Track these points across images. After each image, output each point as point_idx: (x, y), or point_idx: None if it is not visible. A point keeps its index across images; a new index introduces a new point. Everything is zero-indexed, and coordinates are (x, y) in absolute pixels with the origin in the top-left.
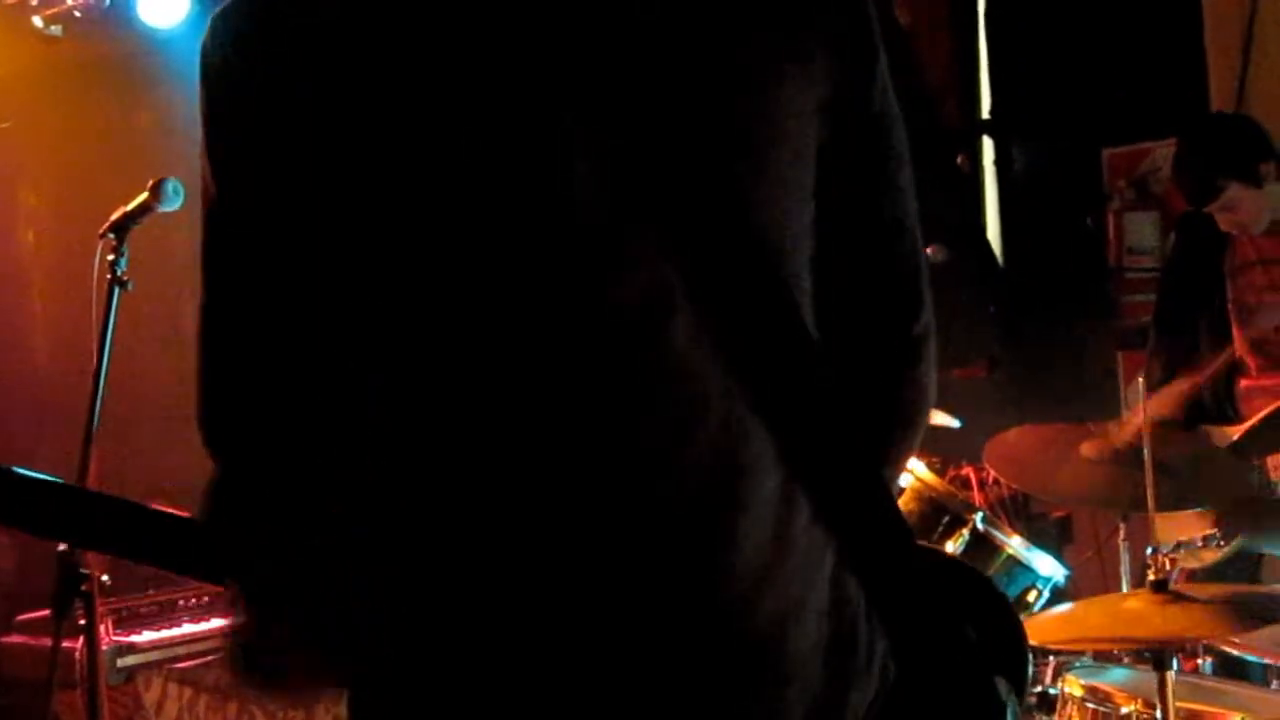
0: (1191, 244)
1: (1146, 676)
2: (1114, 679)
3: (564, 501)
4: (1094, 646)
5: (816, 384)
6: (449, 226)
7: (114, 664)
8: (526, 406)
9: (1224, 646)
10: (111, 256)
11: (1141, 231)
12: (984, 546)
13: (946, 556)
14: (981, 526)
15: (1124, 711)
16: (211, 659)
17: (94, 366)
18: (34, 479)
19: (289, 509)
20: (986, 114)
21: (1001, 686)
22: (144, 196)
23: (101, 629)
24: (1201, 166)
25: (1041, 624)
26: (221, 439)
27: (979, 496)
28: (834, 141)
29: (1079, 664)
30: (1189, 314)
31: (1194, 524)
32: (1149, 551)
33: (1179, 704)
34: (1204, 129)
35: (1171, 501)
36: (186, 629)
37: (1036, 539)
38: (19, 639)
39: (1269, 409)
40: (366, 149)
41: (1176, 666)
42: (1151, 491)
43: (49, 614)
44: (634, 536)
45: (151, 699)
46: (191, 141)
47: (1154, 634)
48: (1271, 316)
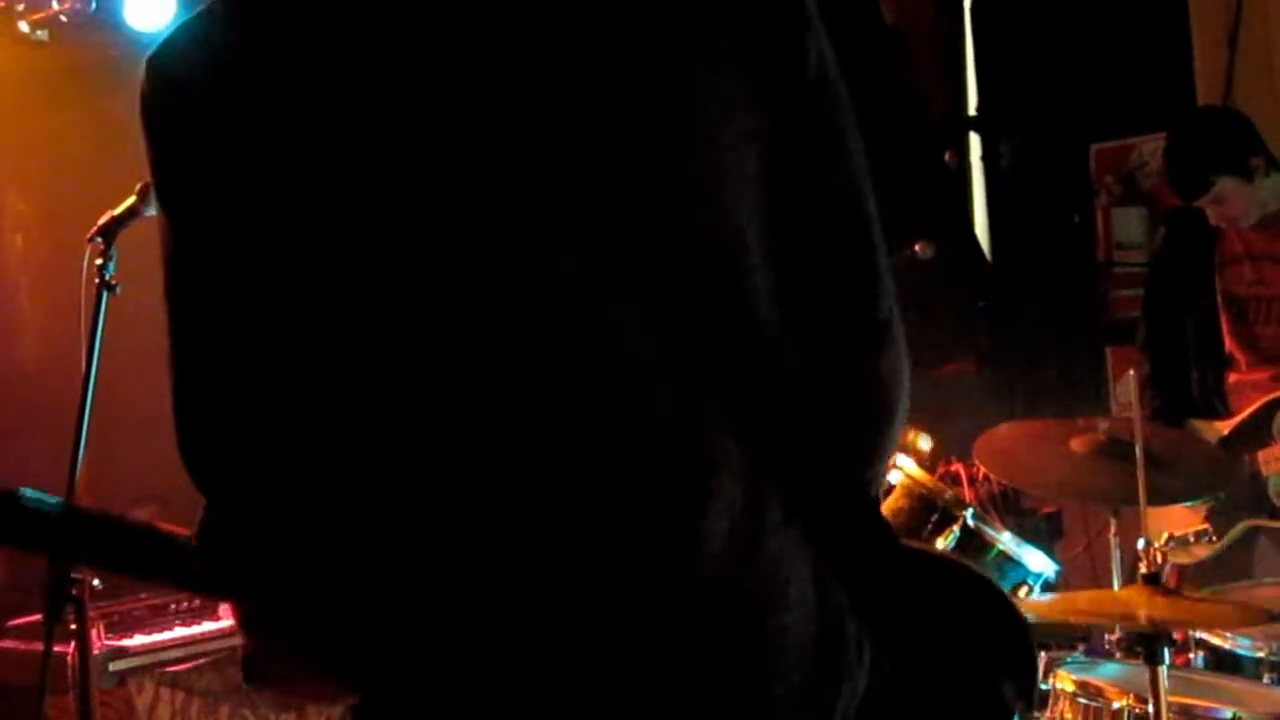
0: (1180, 238)
1: (1138, 671)
2: (1105, 674)
3: (538, 499)
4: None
5: (778, 381)
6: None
7: (106, 668)
8: (501, 404)
9: (1216, 640)
10: (100, 260)
11: (1129, 226)
12: (974, 542)
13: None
14: (972, 523)
15: (1116, 706)
16: (203, 663)
17: (83, 371)
18: (27, 503)
19: (283, 520)
20: (973, 110)
21: (1008, 690)
22: (132, 200)
23: (93, 633)
24: (1191, 160)
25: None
26: (203, 470)
27: (969, 492)
28: (776, 119)
29: (1070, 659)
30: (1178, 308)
31: (1185, 518)
32: (1140, 546)
33: (1171, 698)
34: (1194, 123)
35: (1162, 495)
36: (178, 633)
37: (1027, 535)
38: (10, 644)
39: (1259, 403)
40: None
41: (1168, 661)
42: (1143, 486)
43: (40, 619)
44: (605, 533)
45: (143, 703)
46: None
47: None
48: None
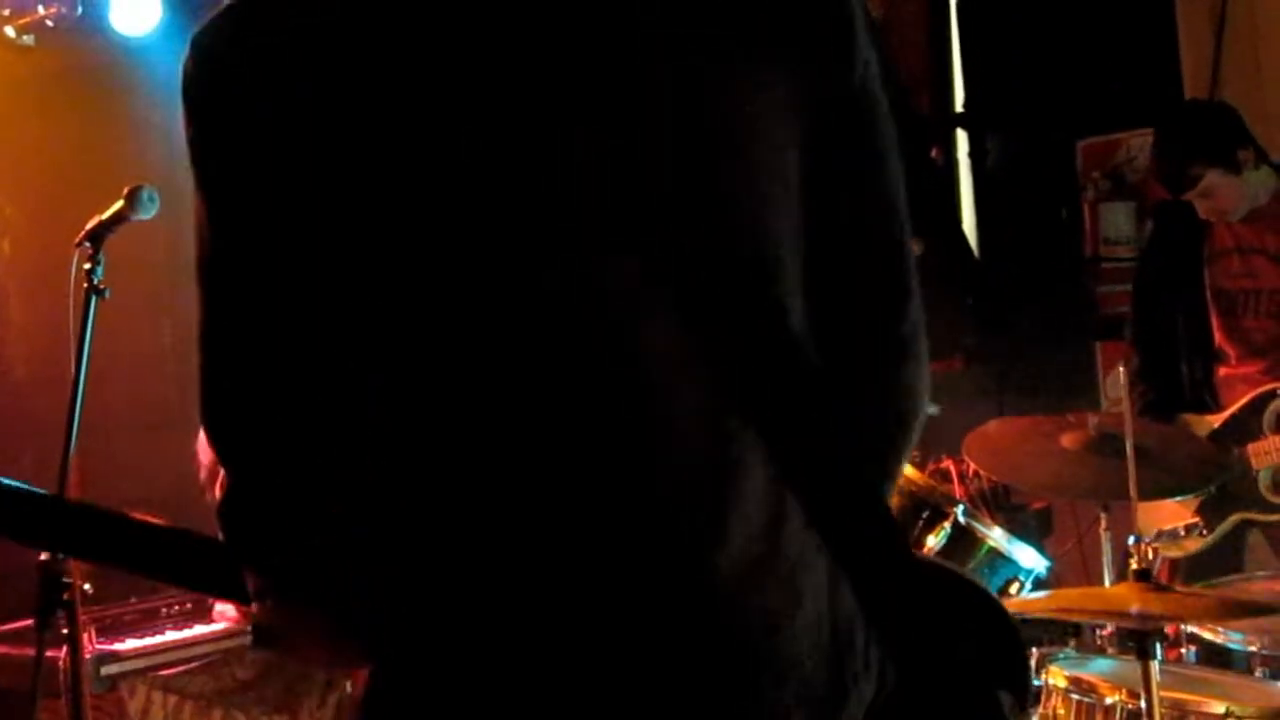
0: (1168, 232)
1: (1130, 666)
2: (1097, 669)
3: (552, 500)
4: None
5: (805, 389)
6: (435, 226)
7: (97, 672)
8: (507, 406)
9: (1208, 634)
10: (88, 265)
11: (1117, 222)
12: (965, 539)
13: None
14: (963, 519)
15: (1109, 702)
16: (195, 666)
17: (72, 375)
18: (20, 490)
19: (296, 509)
20: (960, 107)
21: (1005, 701)
22: (119, 205)
23: (84, 637)
24: (1180, 154)
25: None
26: (232, 447)
27: (959, 489)
28: (817, 126)
29: (1062, 655)
30: (1167, 303)
31: (1175, 513)
32: (1131, 541)
33: (1163, 693)
34: (1181, 117)
35: (1153, 490)
36: (170, 636)
37: (1017, 531)
38: (2, 649)
39: (1249, 397)
40: (364, 153)
41: (1160, 656)
42: (1133, 481)
43: (32, 624)
44: (621, 533)
45: (135, 707)
46: (166, 149)
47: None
48: None
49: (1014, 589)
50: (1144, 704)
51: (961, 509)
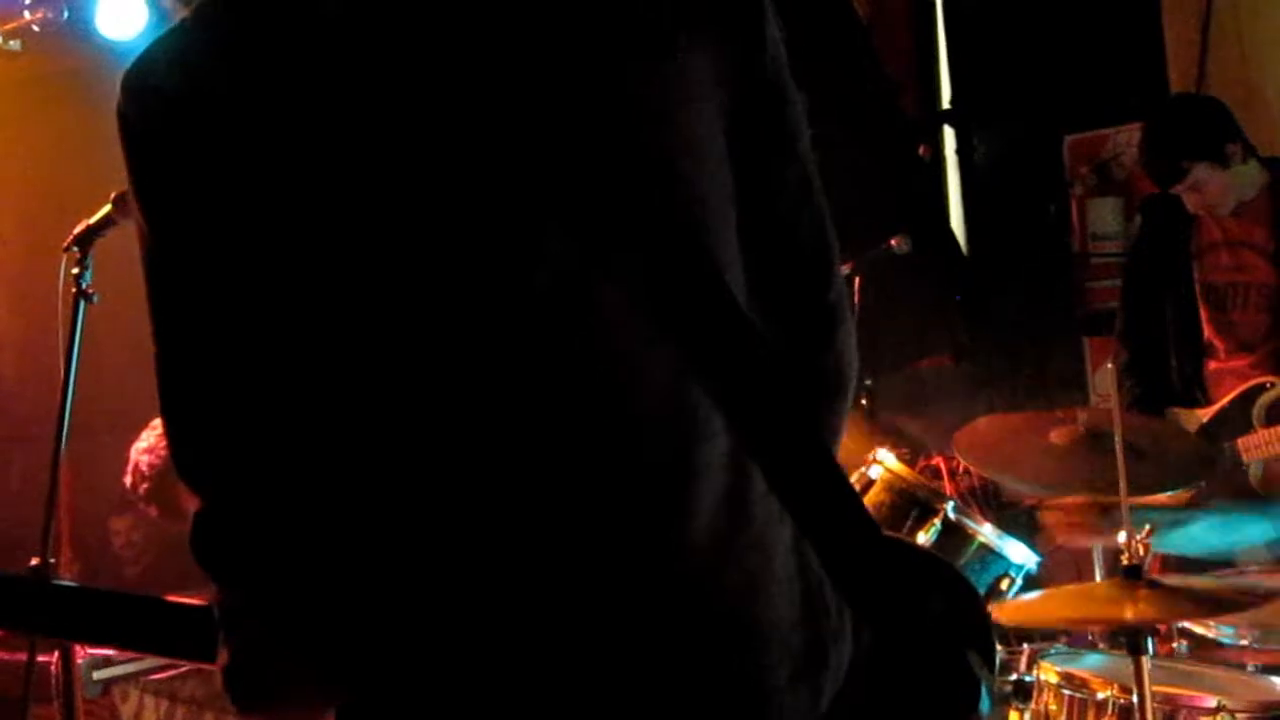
0: (1157, 226)
1: (1122, 661)
2: (1089, 665)
3: (519, 486)
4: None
5: (754, 355)
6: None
7: (90, 677)
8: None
9: (1199, 629)
10: (76, 270)
11: (1105, 217)
12: (956, 535)
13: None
14: (953, 516)
15: (1100, 697)
16: (187, 670)
17: (61, 380)
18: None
19: (271, 522)
20: (947, 104)
21: (974, 659)
22: (107, 209)
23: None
24: (1169, 148)
25: (1013, 608)
26: (198, 472)
27: (949, 486)
28: (735, 109)
29: (1054, 651)
30: (1156, 297)
31: None
32: (1121, 537)
33: (1155, 688)
34: (1170, 111)
35: (1143, 485)
36: None
37: (1008, 527)
38: None
39: (1238, 390)
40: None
41: (1152, 651)
42: (1123, 477)
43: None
44: (591, 510)
45: (128, 711)
46: None
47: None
48: None
49: (1005, 585)
50: (1136, 699)
51: (952, 506)
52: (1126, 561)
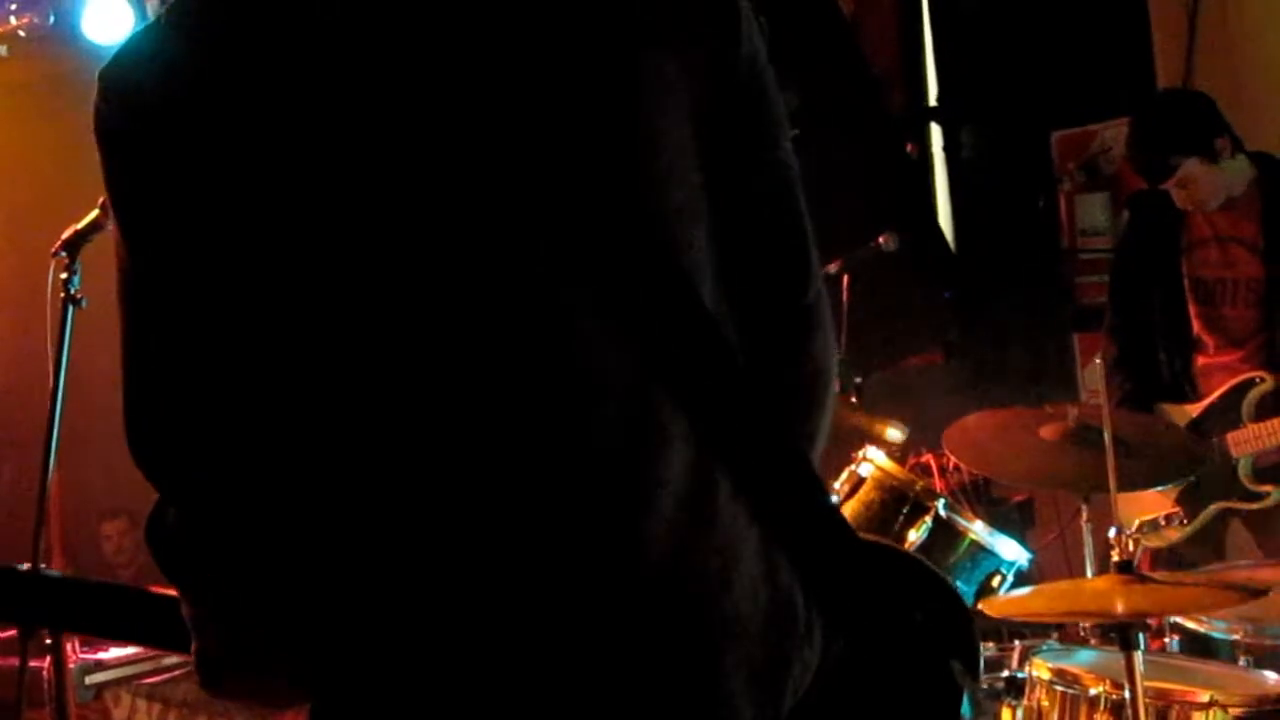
0: (1145, 222)
1: (1114, 657)
2: (1081, 661)
3: (481, 487)
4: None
5: (721, 360)
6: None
7: (82, 681)
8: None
9: (1191, 624)
10: (65, 275)
11: (1093, 213)
12: (947, 533)
13: (887, 545)
14: (944, 513)
15: (1093, 693)
16: (179, 673)
17: (50, 385)
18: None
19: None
20: (933, 101)
21: (956, 668)
22: (95, 213)
23: (68, 647)
24: (1156, 143)
25: (1005, 604)
26: (154, 466)
27: (940, 483)
28: (707, 110)
29: (1045, 647)
30: (1144, 292)
31: (1156, 503)
32: (1112, 533)
33: (1147, 683)
34: (1158, 106)
35: (1133, 481)
36: None
37: (999, 523)
38: None
39: (1228, 385)
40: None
41: (1144, 646)
42: (1113, 472)
43: (15, 634)
44: (551, 512)
45: (120, 715)
46: None
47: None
48: None
49: (996, 582)
50: (1128, 694)
51: (943, 503)
52: (1117, 557)
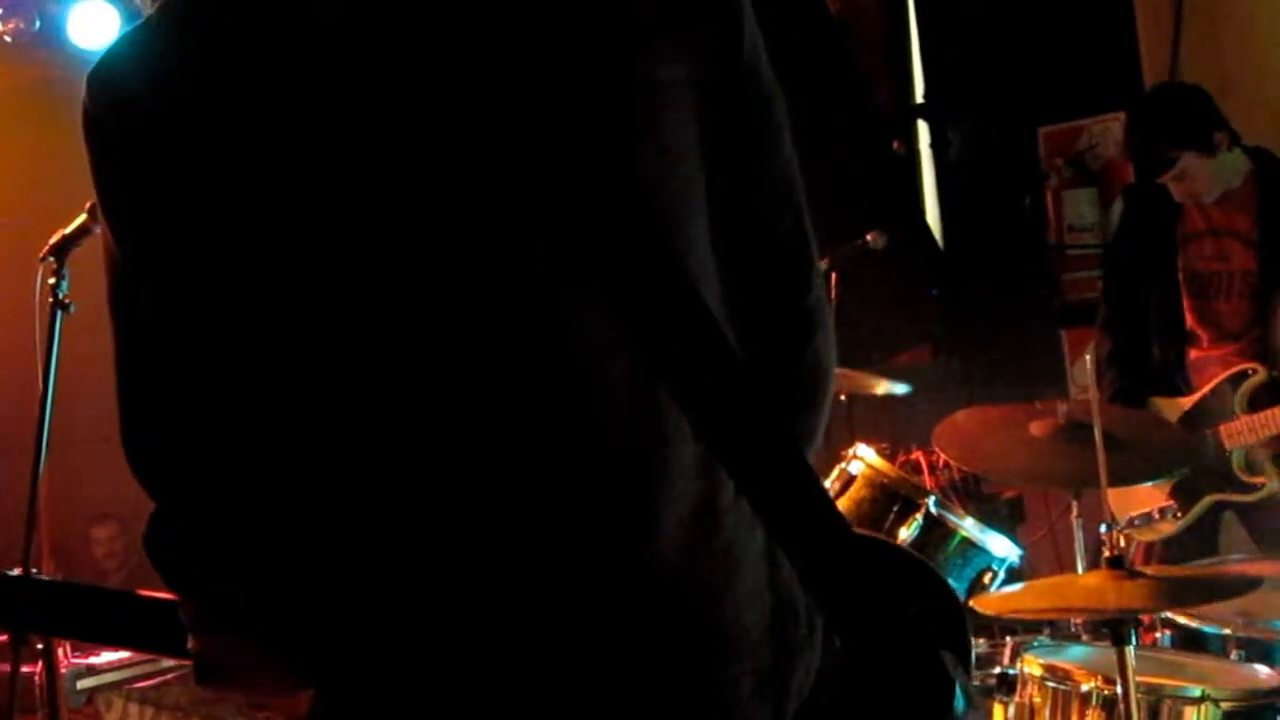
0: (1140, 215)
1: (1105, 653)
2: (1073, 656)
3: (486, 489)
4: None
5: (724, 360)
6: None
7: (74, 686)
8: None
9: (1183, 618)
10: (52, 280)
11: (1080, 209)
12: (938, 530)
13: (883, 541)
14: (935, 510)
15: (1084, 689)
16: (171, 677)
17: (39, 391)
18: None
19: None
20: (920, 98)
21: (948, 661)
22: (82, 218)
23: (60, 652)
24: (1155, 137)
25: (996, 601)
26: (149, 471)
27: (930, 480)
28: (710, 110)
29: (1037, 643)
30: (1139, 286)
31: (1149, 497)
32: (1103, 528)
33: (1139, 678)
34: (1155, 100)
35: (1124, 476)
36: None
37: (989, 520)
38: None
39: (1220, 377)
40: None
41: (1135, 641)
42: (1103, 467)
43: (6, 639)
44: (557, 516)
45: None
46: None
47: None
48: None
49: (988, 579)
50: (1120, 689)
51: (933, 500)
52: (1109, 552)
